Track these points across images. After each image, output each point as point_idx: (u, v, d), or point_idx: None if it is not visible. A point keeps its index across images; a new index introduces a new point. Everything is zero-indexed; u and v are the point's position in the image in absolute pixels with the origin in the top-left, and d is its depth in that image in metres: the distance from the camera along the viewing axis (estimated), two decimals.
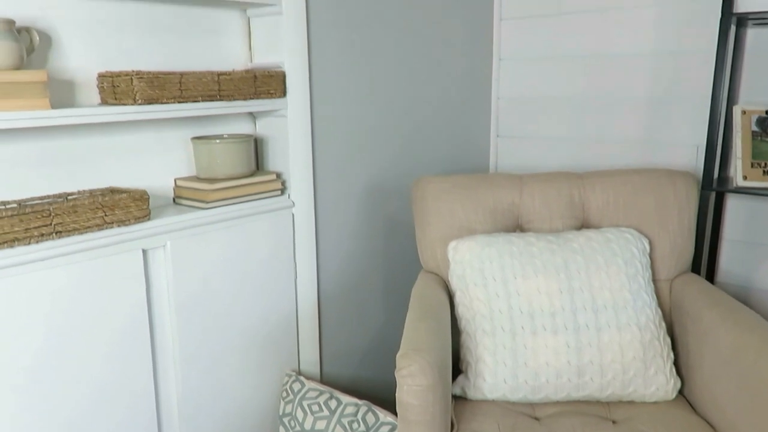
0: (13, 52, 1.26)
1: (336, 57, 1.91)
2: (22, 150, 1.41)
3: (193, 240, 1.60)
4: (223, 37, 1.76)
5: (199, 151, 1.67)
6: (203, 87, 1.55)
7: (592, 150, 2.35)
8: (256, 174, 1.76)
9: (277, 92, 1.73)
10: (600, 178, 1.86)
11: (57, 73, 1.45)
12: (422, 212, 1.86)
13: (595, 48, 2.29)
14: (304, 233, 1.87)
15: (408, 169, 2.24)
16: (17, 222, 1.27)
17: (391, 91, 2.12)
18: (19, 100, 1.26)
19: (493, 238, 1.73)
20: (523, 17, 2.44)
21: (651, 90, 2.20)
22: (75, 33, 1.47)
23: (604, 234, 1.73)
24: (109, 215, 1.42)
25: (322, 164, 1.92)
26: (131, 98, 1.43)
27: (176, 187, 1.70)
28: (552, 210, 1.85)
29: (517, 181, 1.88)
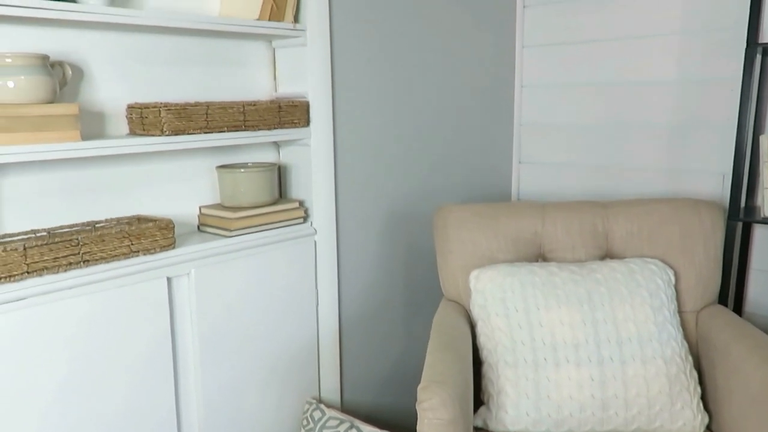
0: (47, 87, 1.29)
1: (359, 86, 1.94)
2: (53, 179, 1.45)
3: (217, 268, 1.61)
4: (249, 67, 1.79)
5: (223, 180, 1.69)
6: (229, 117, 1.58)
7: (616, 177, 2.34)
8: (280, 202, 1.78)
9: (301, 122, 1.75)
10: (624, 207, 1.85)
11: (88, 105, 1.49)
12: (444, 241, 1.86)
13: (618, 75, 2.28)
14: (325, 260, 1.88)
15: (430, 196, 2.24)
16: (47, 251, 1.30)
17: (413, 118, 2.14)
18: (52, 133, 1.29)
19: (515, 268, 1.72)
20: (545, 44, 2.45)
21: (675, 118, 2.18)
22: (106, 66, 1.51)
23: (628, 265, 1.71)
24: (136, 244, 1.44)
25: (344, 192, 1.93)
26: (159, 129, 1.46)
27: (201, 214, 1.72)
28: (575, 239, 1.83)
29: (540, 210, 1.88)
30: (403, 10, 2.04)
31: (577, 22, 2.35)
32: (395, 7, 2.01)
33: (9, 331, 1.27)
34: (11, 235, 1.38)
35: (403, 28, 2.05)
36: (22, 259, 1.27)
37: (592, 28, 2.32)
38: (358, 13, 1.90)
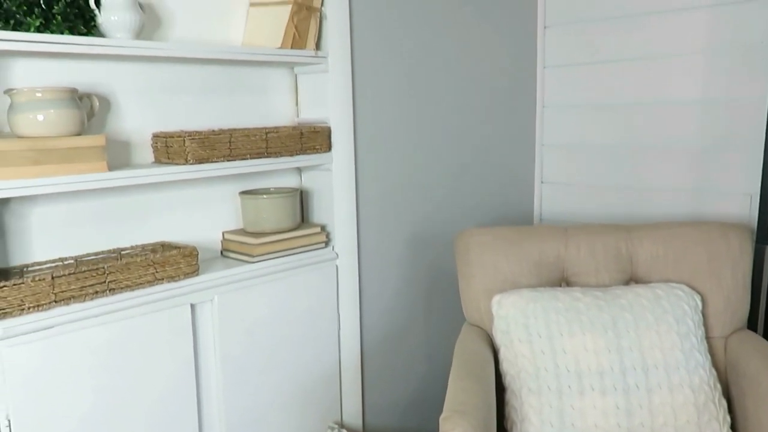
0: (75, 119, 1.32)
1: (380, 110, 1.95)
2: (80, 208, 1.48)
3: (240, 294, 1.62)
4: (272, 94, 1.82)
5: (246, 206, 1.71)
6: (252, 145, 1.60)
7: (640, 198, 2.31)
8: (301, 227, 1.79)
9: (323, 147, 1.77)
10: (648, 230, 1.83)
11: (114, 134, 1.52)
12: (465, 265, 1.85)
13: (641, 95, 2.27)
14: (347, 285, 1.88)
15: (451, 217, 2.24)
16: (74, 280, 1.32)
17: (434, 140, 2.14)
18: (80, 164, 1.32)
19: (538, 293, 1.70)
20: (567, 65, 2.44)
21: (700, 138, 2.15)
22: (132, 96, 1.54)
23: (654, 290, 1.68)
24: (160, 272, 1.46)
25: (365, 216, 1.94)
26: (183, 158, 1.49)
27: (224, 240, 1.74)
28: (599, 263, 1.81)
29: (563, 234, 1.86)
30: (424, 35, 2.06)
31: (599, 42, 2.34)
32: (416, 32, 2.03)
33: (36, 359, 1.29)
34: (40, 263, 1.41)
35: (424, 53, 2.06)
36: (50, 289, 1.29)
37: (614, 48, 2.31)
38: (379, 39, 1.91)
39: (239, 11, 1.72)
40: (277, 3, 1.68)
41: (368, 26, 1.88)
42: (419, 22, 2.03)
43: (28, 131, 1.28)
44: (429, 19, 2.06)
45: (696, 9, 2.10)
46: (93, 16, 1.36)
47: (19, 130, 1.29)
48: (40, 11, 1.25)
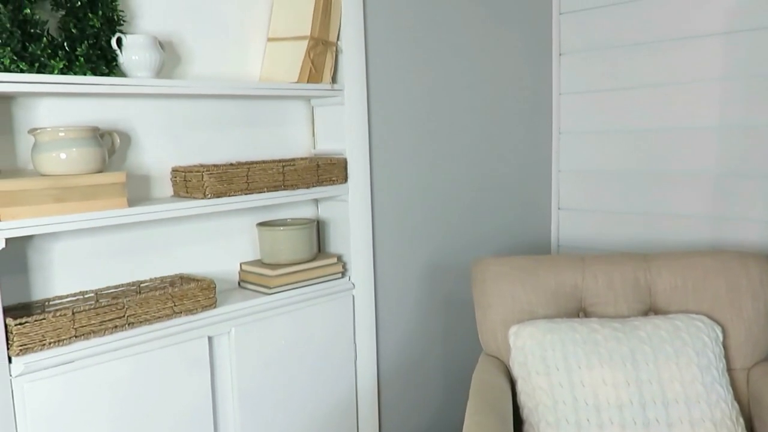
0: (97, 157, 1.35)
1: (396, 141, 1.96)
2: (101, 242, 1.50)
3: (257, 326, 1.63)
4: (288, 126, 1.84)
5: (263, 237, 1.73)
6: (269, 178, 1.62)
7: (658, 225, 2.29)
8: (318, 257, 1.80)
9: (339, 179, 1.78)
10: (666, 260, 1.81)
11: (134, 169, 1.55)
12: (482, 294, 1.84)
13: (658, 122, 2.26)
14: (364, 315, 1.88)
15: (468, 245, 2.24)
16: (94, 315, 1.34)
17: (450, 168, 2.15)
18: (100, 201, 1.35)
19: (555, 324, 1.69)
20: (583, 92, 2.44)
21: (718, 164, 2.14)
22: (152, 131, 1.57)
23: (673, 321, 1.66)
24: (179, 305, 1.47)
25: (381, 245, 1.95)
26: (201, 192, 1.51)
27: (241, 271, 1.76)
28: (617, 293, 1.80)
29: (580, 263, 1.85)
30: (439, 65, 2.07)
31: (615, 68, 2.35)
32: (431, 63, 2.05)
33: (56, 393, 1.31)
34: (61, 297, 1.44)
35: (439, 83, 2.08)
36: (71, 324, 1.31)
37: (630, 74, 2.31)
38: (394, 71, 1.94)
39: (257, 46, 1.75)
40: (294, 38, 1.70)
41: (383, 59, 1.90)
42: (434, 53, 2.05)
43: (51, 169, 1.31)
44: (444, 50, 2.08)
45: (712, 36, 2.10)
46: (114, 56, 1.39)
47: (43, 168, 1.32)
48: (63, 53, 1.29)
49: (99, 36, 1.36)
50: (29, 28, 1.24)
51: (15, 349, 1.25)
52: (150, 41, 1.41)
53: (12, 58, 1.22)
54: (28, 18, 1.24)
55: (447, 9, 2.08)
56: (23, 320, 1.25)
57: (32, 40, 1.25)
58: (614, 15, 2.32)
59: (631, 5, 2.27)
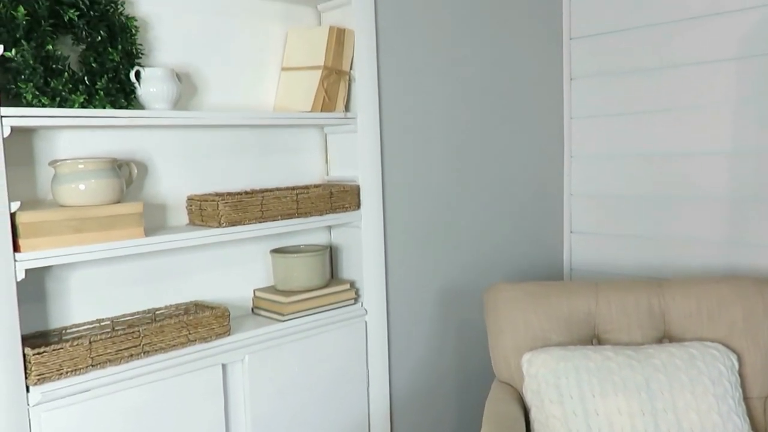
0: (115, 187, 1.38)
1: (408, 167, 1.98)
2: (117, 270, 1.52)
3: (270, 353, 1.64)
4: (302, 153, 1.86)
5: (277, 264, 1.74)
6: (282, 207, 1.63)
7: (672, 249, 2.28)
8: (331, 284, 1.81)
9: (352, 206, 1.80)
10: (680, 287, 1.80)
11: (151, 198, 1.57)
12: (495, 321, 1.84)
13: (671, 146, 2.26)
14: (376, 341, 1.89)
15: (480, 269, 2.24)
16: (110, 344, 1.36)
17: (463, 193, 2.16)
18: (118, 231, 1.37)
19: (569, 352, 1.69)
20: (594, 116, 2.45)
21: (732, 188, 2.13)
22: (168, 160, 1.59)
23: (688, 350, 1.65)
24: (193, 333, 1.49)
25: (394, 271, 1.96)
26: (216, 221, 1.53)
27: (255, 297, 1.77)
28: (631, 319, 1.79)
29: (593, 289, 1.85)
30: (452, 94, 2.09)
31: (627, 93, 2.35)
32: (442, 91, 2.07)
33: (73, 422, 1.32)
34: (78, 325, 1.45)
35: (451, 109, 2.10)
36: (87, 353, 1.32)
37: (642, 98, 2.31)
38: (406, 99, 1.96)
39: (271, 75, 1.78)
40: (308, 68, 1.73)
41: (396, 87, 1.92)
42: (445, 80, 2.08)
43: (71, 200, 1.34)
44: (455, 77, 2.11)
45: (724, 61, 2.11)
46: (133, 88, 1.42)
47: (62, 199, 1.34)
48: (84, 87, 1.32)
49: (118, 69, 1.39)
50: (51, 64, 1.28)
51: (33, 378, 1.27)
52: (167, 74, 1.44)
53: (34, 93, 1.25)
54: (51, 54, 1.28)
55: (458, 36, 2.11)
56: (41, 350, 1.27)
57: (54, 75, 1.28)
58: (625, 40, 2.33)
59: (641, 31, 2.29)
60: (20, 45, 1.23)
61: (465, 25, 2.13)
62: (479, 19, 2.17)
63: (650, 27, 2.26)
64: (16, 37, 1.23)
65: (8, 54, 1.22)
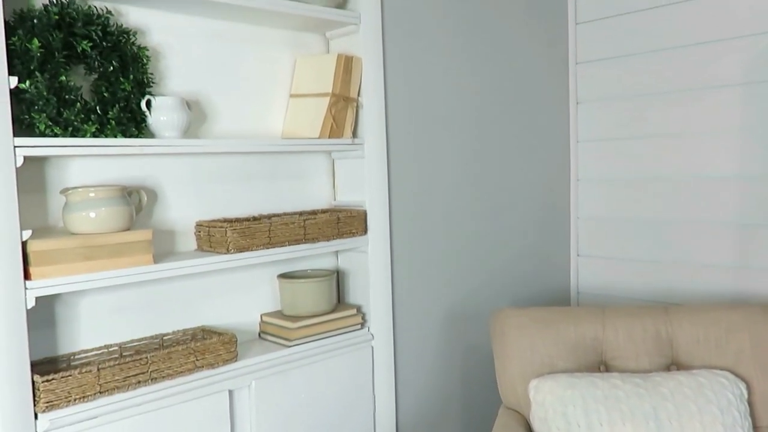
0: (125, 215, 1.39)
1: (416, 192, 1.99)
2: (125, 296, 1.53)
3: (277, 378, 1.64)
4: (310, 178, 1.88)
5: (284, 289, 1.75)
6: (290, 232, 1.65)
7: (679, 274, 2.28)
8: (338, 309, 1.82)
9: (359, 231, 1.81)
10: (688, 313, 1.79)
11: (160, 224, 1.59)
12: (502, 346, 1.84)
13: (677, 170, 2.26)
14: (383, 366, 1.88)
15: (487, 293, 2.24)
16: (118, 371, 1.36)
17: (471, 218, 2.17)
18: (127, 258, 1.38)
19: (576, 379, 1.68)
20: (601, 140, 2.46)
21: (740, 213, 2.13)
22: (177, 187, 1.61)
23: (696, 378, 1.64)
24: (200, 359, 1.49)
25: (401, 296, 1.96)
26: (225, 247, 1.54)
27: (262, 322, 1.77)
28: (638, 346, 1.78)
29: (600, 315, 1.84)
30: (458, 120, 2.11)
31: (632, 117, 2.36)
32: (448, 117, 2.08)
33: None
34: (86, 351, 1.46)
35: (457, 134, 2.11)
36: (96, 380, 1.33)
37: (648, 123, 2.32)
38: (413, 124, 1.97)
39: (280, 102, 1.80)
40: (316, 95, 1.75)
41: (403, 113, 1.94)
42: (453, 107, 2.09)
43: (81, 228, 1.35)
44: (463, 105, 2.12)
45: (731, 86, 2.11)
46: (144, 117, 1.44)
47: (73, 226, 1.36)
48: (96, 117, 1.34)
49: (129, 99, 1.41)
50: (64, 94, 1.30)
51: (41, 405, 1.27)
52: (178, 102, 1.46)
53: (47, 123, 1.27)
54: (64, 85, 1.30)
55: (464, 63, 2.12)
56: (50, 377, 1.28)
57: (67, 105, 1.30)
58: (631, 65, 2.35)
59: (647, 56, 2.30)
60: (34, 77, 1.25)
61: (471, 51, 2.15)
62: (486, 45, 2.19)
63: (656, 52, 2.28)
64: (30, 69, 1.25)
65: (23, 86, 1.24)
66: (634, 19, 2.33)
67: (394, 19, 1.90)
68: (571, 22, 2.49)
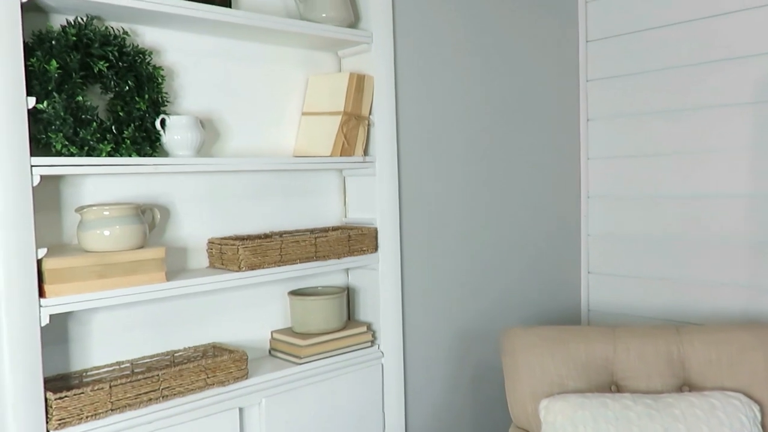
0: (138, 233, 1.40)
1: (425, 210, 1.99)
2: (137, 313, 1.54)
3: (287, 396, 1.64)
4: (321, 195, 1.89)
5: (294, 306, 1.75)
6: (301, 250, 1.65)
7: (691, 292, 2.26)
8: (348, 326, 1.82)
9: (369, 248, 1.81)
10: (700, 333, 1.78)
11: (172, 241, 1.60)
12: (512, 366, 1.83)
13: (688, 188, 2.25)
14: (393, 384, 1.88)
15: (498, 310, 2.23)
16: (130, 389, 1.37)
17: (480, 235, 2.17)
18: (140, 276, 1.39)
19: (587, 400, 1.67)
20: (611, 157, 2.46)
21: (752, 232, 2.12)
22: (190, 203, 1.62)
23: (709, 399, 1.63)
24: (211, 377, 1.50)
25: (411, 313, 1.96)
26: (237, 265, 1.55)
27: (272, 339, 1.78)
28: (650, 367, 1.77)
29: (611, 335, 1.83)
30: (468, 136, 2.12)
31: (643, 134, 2.36)
32: (460, 136, 2.09)
33: None
34: (98, 367, 1.47)
35: (468, 153, 2.12)
36: (108, 398, 1.34)
37: (659, 141, 2.32)
38: (424, 143, 1.99)
39: (292, 119, 1.82)
40: (328, 113, 1.76)
41: (414, 131, 1.95)
42: (464, 126, 2.10)
43: (96, 246, 1.37)
44: (473, 123, 2.13)
45: (741, 105, 2.11)
46: (158, 136, 1.45)
47: (87, 244, 1.37)
48: (111, 136, 1.36)
49: (144, 118, 1.42)
50: (80, 114, 1.31)
51: (54, 423, 1.28)
52: (191, 121, 1.48)
53: (63, 143, 1.28)
54: (80, 104, 1.32)
55: (475, 81, 2.14)
56: (62, 394, 1.29)
57: (83, 125, 1.31)
58: (641, 83, 2.35)
59: (659, 74, 2.30)
60: (52, 97, 1.27)
61: (482, 69, 2.16)
62: (496, 63, 2.20)
63: (667, 70, 2.28)
64: (48, 90, 1.27)
65: (40, 106, 1.26)
66: (644, 37, 2.34)
67: (405, 38, 1.92)
68: (582, 40, 2.50)
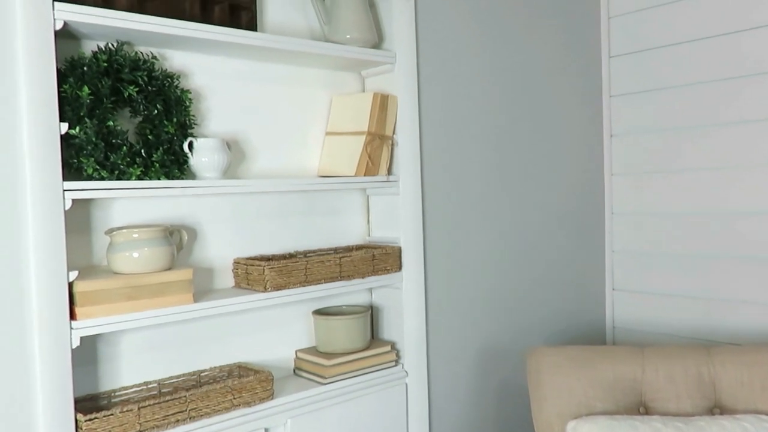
0: (166, 255, 1.42)
1: (449, 229, 1.99)
2: (165, 333, 1.56)
3: (312, 416, 1.64)
4: (345, 215, 1.89)
5: (318, 326, 1.75)
6: (326, 270, 1.66)
7: (719, 311, 2.23)
8: (372, 345, 1.81)
9: (393, 268, 1.81)
10: (731, 354, 1.75)
11: (198, 261, 1.61)
12: (537, 386, 1.81)
13: (718, 204, 2.22)
14: (417, 404, 1.87)
15: (522, 328, 2.21)
16: (157, 410, 1.38)
17: (503, 253, 2.16)
18: (168, 297, 1.41)
19: (616, 422, 1.64)
20: (635, 173, 2.44)
21: None
22: (216, 224, 1.64)
23: (741, 423, 1.59)
24: (237, 398, 1.50)
25: (435, 332, 1.95)
26: (262, 285, 1.55)
27: (297, 358, 1.78)
28: (679, 388, 1.74)
29: (639, 355, 1.81)
30: (491, 157, 2.11)
31: (672, 149, 2.34)
32: (483, 155, 2.09)
33: None
34: (126, 388, 1.48)
35: (491, 172, 2.12)
36: (136, 419, 1.35)
37: (688, 155, 2.29)
38: (448, 162, 1.99)
39: (316, 139, 1.83)
40: (352, 133, 1.77)
41: (437, 150, 1.95)
42: (487, 146, 2.10)
43: (125, 268, 1.38)
44: (497, 143, 2.13)
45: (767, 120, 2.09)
46: (186, 159, 1.47)
47: (117, 266, 1.39)
48: (141, 160, 1.38)
49: (173, 141, 1.44)
50: (111, 139, 1.34)
51: None
52: (218, 144, 1.50)
53: (95, 167, 1.31)
54: (111, 129, 1.34)
55: (498, 99, 2.13)
56: (92, 416, 1.30)
57: (113, 149, 1.34)
58: (665, 98, 2.33)
59: (681, 89, 2.28)
60: (84, 122, 1.29)
61: (505, 87, 2.16)
62: (519, 80, 2.20)
63: (691, 86, 2.26)
64: (80, 115, 1.29)
65: (72, 131, 1.28)
66: (667, 52, 2.32)
67: (428, 57, 1.93)
68: (605, 55, 2.49)
